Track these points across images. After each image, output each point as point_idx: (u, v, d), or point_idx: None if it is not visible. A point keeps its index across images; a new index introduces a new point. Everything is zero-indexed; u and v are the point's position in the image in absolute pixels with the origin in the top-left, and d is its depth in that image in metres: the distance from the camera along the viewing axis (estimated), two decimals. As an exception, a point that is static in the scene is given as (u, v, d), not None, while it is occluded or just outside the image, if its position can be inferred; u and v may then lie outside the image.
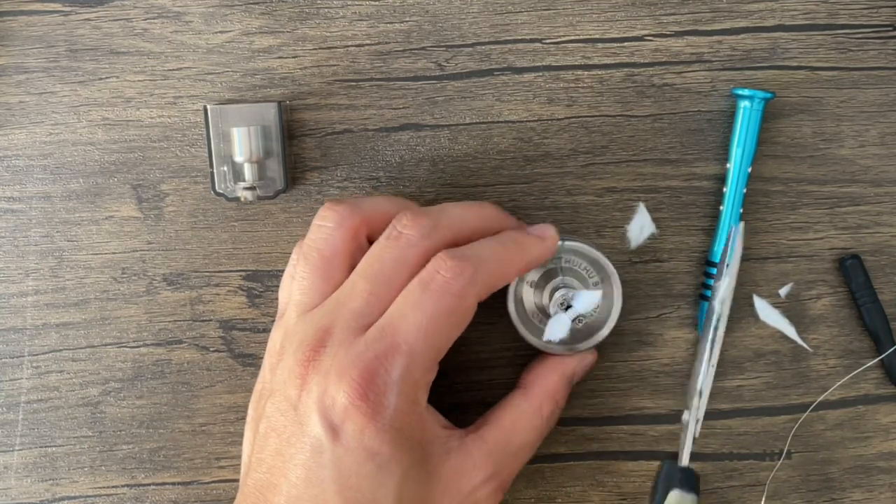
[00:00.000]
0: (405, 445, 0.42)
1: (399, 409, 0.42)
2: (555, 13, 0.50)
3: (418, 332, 0.42)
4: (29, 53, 0.50)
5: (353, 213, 0.45)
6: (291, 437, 0.42)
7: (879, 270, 0.51)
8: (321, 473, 0.42)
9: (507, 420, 0.46)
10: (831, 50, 0.50)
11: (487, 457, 0.45)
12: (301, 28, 0.50)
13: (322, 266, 0.45)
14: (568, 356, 0.48)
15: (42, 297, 0.51)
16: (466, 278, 0.43)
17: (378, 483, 0.42)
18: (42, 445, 0.52)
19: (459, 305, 0.43)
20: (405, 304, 0.43)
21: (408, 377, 0.42)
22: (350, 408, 0.41)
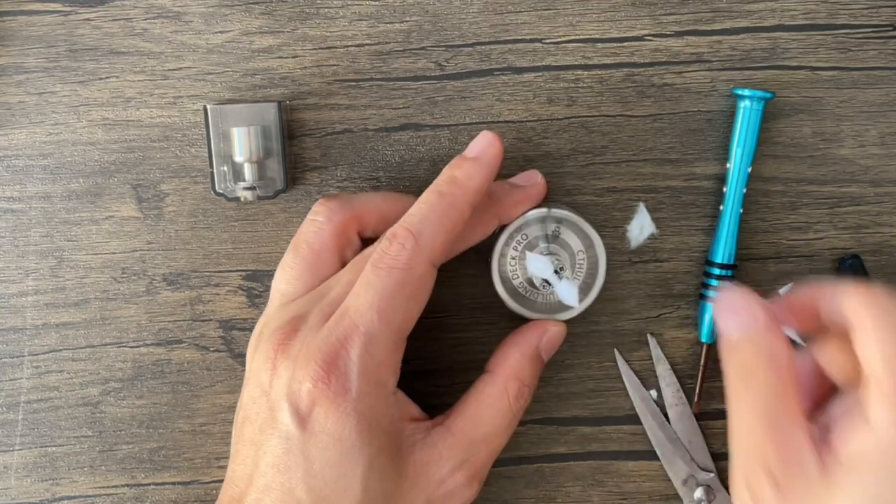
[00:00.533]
0: (370, 432, 0.42)
1: (362, 392, 0.42)
2: (555, 13, 0.50)
3: (371, 309, 0.42)
4: (29, 53, 0.50)
5: (343, 209, 0.46)
6: (263, 424, 0.43)
7: (879, 270, 0.51)
8: (289, 460, 0.42)
9: (472, 407, 0.46)
10: (831, 50, 0.50)
11: (453, 447, 0.44)
12: (301, 28, 0.50)
13: (309, 258, 0.46)
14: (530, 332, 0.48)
15: (42, 297, 0.51)
16: (409, 248, 0.43)
17: (342, 470, 0.41)
18: (42, 445, 0.52)
19: (410, 277, 0.43)
20: (358, 286, 0.43)
21: (368, 357, 0.42)
22: (314, 392, 0.41)
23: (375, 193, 0.49)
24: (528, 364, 0.47)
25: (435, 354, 0.52)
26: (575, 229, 0.48)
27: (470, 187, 0.44)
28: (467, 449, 0.45)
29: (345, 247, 0.46)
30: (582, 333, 0.51)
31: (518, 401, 0.46)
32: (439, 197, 0.44)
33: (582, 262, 0.48)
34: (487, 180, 0.45)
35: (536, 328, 0.48)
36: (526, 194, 0.48)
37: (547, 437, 0.52)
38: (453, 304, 0.51)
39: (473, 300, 0.51)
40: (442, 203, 0.44)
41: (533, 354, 0.47)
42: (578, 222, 0.48)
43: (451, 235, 0.44)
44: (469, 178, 0.45)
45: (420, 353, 0.51)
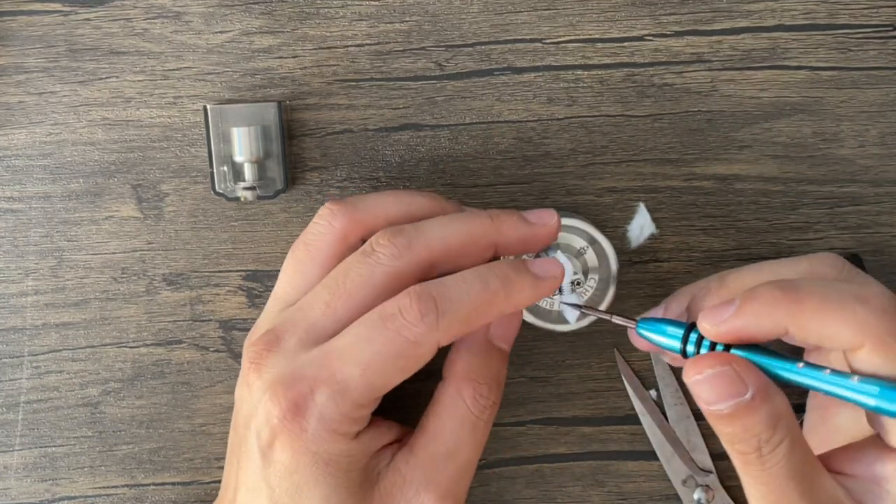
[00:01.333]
0: (326, 471, 0.41)
1: (318, 436, 0.40)
2: (555, 13, 0.50)
3: (357, 367, 0.40)
4: (29, 53, 0.50)
5: (345, 214, 0.44)
6: (241, 439, 0.43)
7: (879, 270, 0.51)
8: (257, 483, 0.42)
9: (431, 421, 0.43)
10: (831, 50, 0.50)
11: (415, 468, 0.42)
12: (301, 28, 0.50)
13: (306, 262, 0.44)
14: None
15: (42, 297, 0.51)
16: (427, 325, 0.40)
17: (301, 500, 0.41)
18: (42, 445, 0.52)
19: (413, 351, 0.40)
20: (357, 334, 0.40)
21: (333, 407, 0.40)
22: (276, 425, 0.40)
23: (384, 195, 0.46)
24: (479, 360, 0.44)
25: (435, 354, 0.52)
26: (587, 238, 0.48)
27: (515, 299, 0.42)
28: (430, 467, 0.42)
29: (345, 253, 0.44)
30: (582, 333, 0.51)
31: (477, 402, 0.43)
32: (484, 289, 0.41)
33: (594, 269, 0.48)
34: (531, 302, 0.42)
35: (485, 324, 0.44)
36: (533, 233, 0.44)
37: (547, 437, 0.52)
38: (453, 304, 0.51)
39: (473, 300, 0.51)
40: (482, 297, 0.41)
41: (482, 348, 0.44)
42: (590, 230, 0.47)
43: (473, 327, 0.41)
44: (521, 291, 0.42)
45: (420, 353, 0.51)
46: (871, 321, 0.37)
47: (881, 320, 0.37)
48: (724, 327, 0.39)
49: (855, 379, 0.37)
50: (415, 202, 0.45)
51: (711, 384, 0.38)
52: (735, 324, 0.39)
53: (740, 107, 0.50)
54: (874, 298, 0.38)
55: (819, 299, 0.38)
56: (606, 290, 0.48)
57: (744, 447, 0.38)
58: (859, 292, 0.38)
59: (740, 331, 0.39)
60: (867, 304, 0.37)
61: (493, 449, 0.52)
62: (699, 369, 0.38)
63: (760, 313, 0.38)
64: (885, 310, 0.37)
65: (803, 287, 0.38)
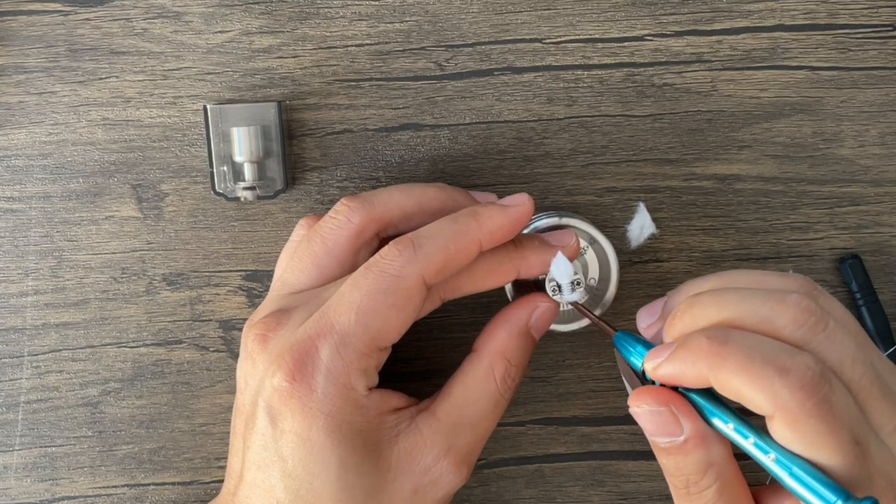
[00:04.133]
0: (339, 432, 0.41)
1: (328, 394, 0.41)
2: (555, 13, 0.50)
3: (350, 310, 0.41)
4: (29, 53, 0.50)
5: (363, 211, 0.45)
6: (247, 418, 0.43)
7: (879, 270, 0.51)
8: (267, 458, 0.42)
9: (457, 389, 0.44)
10: (831, 50, 0.50)
11: (438, 432, 0.43)
12: (301, 28, 0.50)
13: (321, 255, 0.45)
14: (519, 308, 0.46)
15: (42, 297, 0.51)
16: (406, 257, 0.42)
17: (314, 470, 0.41)
18: (42, 445, 0.52)
19: (398, 285, 0.41)
20: (345, 286, 0.42)
21: (337, 359, 0.41)
22: (284, 391, 0.41)
23: (397, 190, 0.47)
24: (516, 342, 0.45)
25: (435, 354, 0.52)
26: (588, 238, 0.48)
27: (486, 225, 0.43)
28: (452, 433, 0.43)
29: (360, 249, 0.45)
30: (582, 333, 0.51)
31: (505, 381, 0.45)
32: (452, 222, 0.43)
33: (595, 269, 0.48)
34: (506, 231, 0.44)
35: (526, 304, 0.46)
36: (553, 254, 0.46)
37: (547, 437, 0.52)
38: (453, 304, 0.51)
39: (473, 300, 0.51)
40: (453, 227, 0.43)
41: (521, 332, 0.45)
42: (592, 231, 0.47)
43: (452, 261, 0.43)
44: (489, 218, 0.43)
45: (420, 353, 0.51)
46: (785, 395, 0.36)
47: (795, 396, 0.36)
48: (659, 371, 0.39)
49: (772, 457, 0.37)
50: (426, 194, 0.46)
51: (649, 419, 0.39)
52: (667, 369, 0.39)
53: (740, 107, 0.50)
54: (796, 371, 0.36)
55: (741, 359, 0.37)
56: (606, 289, 0.48)
57: (675, 482, 0.40)
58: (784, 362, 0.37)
59: (672, 376, 0.39)
60: (786, 377, 0.36)
61: (493, 449, 0.52)
62: (640, 402, 0.39)
63: (686, 362, 0.38)
64: (802, 385, 0.36)
65: (731, 341, 0.37)
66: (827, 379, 0.37)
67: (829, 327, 0.38)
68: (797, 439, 0.37)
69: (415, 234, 0.43)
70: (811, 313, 0.38)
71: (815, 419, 0.36)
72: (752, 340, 0.37)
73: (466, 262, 0.43)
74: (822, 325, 0.38)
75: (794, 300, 0.39)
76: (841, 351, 0.38)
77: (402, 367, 0.51)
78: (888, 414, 0.38)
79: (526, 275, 0.45)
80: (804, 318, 0.38)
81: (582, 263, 0.48)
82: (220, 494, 0.46)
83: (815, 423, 0.36)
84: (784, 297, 0.39)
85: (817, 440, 0.36)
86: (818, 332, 0.38)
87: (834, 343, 0.38)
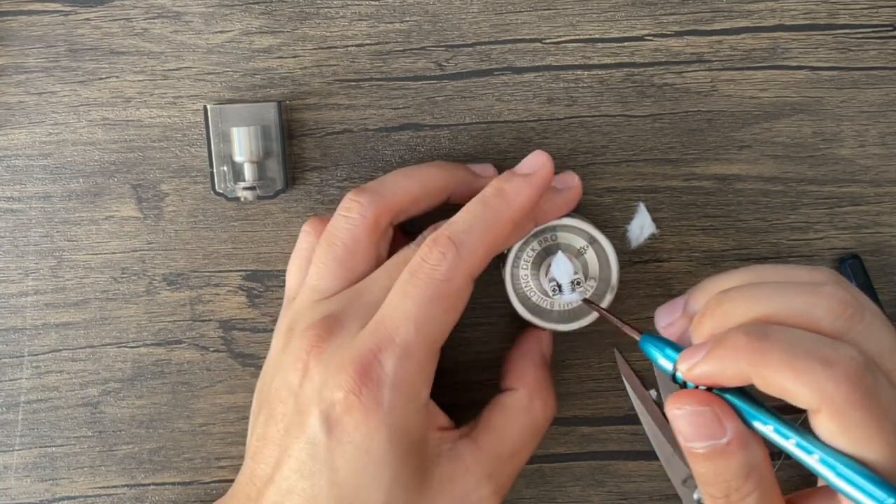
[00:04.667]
0: (399, 445, 0.42)
1: (395, 406, 0.41)
2: (555, 13, 0.50)
3: (408, 322, 0.42)
4: (29, 53, 0.50)
5: (375, 203, 0.45)
6: (290, 426, 0.42)
7: (879, 270, 0.51)
8: (314, 467, 0.42)
9: (500, 422, 0.46)
10: (831, 50, 0.50)
11: (480, 461, 0.44)
12: (301, 28, 0.50)
13: (343, 255, 0.45)
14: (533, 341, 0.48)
15: (42, 297, 0.51)
16: (450, 260, 0.42)
17: (366, 481, 0.41)
18: (42, 445, 0.52)
19: (448, 289, 0.42)
20: (395, 295, 0.42)
21: (402, 371, 0.41)
22: (346, 402, 0.41)
23: (400, 175, 0.47)
24: (544, 373, 0.47)
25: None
26: (588, 238, 0.48)
27: (516, 203, 0.44)
28: (494, 464, 0.44)
29: (379, 240, 0.46)
30: (582, 333, 0.51)
31: (545, 414, 0.46)
32: (485, 208, 0.43)
33: (595, 270, 0.48)
34: (535, 200, 0.44)
35: (536, 337, 0.48)
36: (564, 199, 0.47)
37: (547, 437, 0.52)
38: (453, 304, 0.51)
39: (474, 300, 0.51)
40: (487, 215, 0.43)
41: (545, 362, 0.48)
42: (592, 231, 0.47)
43: (493, 249, 0.44)
44: (517, 193, 0.44)
45: (420, 353, 0.51)
46: (830, 388, 0.35)
47: (841, 388, 0.35)
48: (695, 371, 0.38)
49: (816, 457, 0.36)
50: (429, 175, 0.47)
51: (690, 421, 0.38)
52: (703, 369, 0.38)
53: (740, 107, 0.50)
54: (840, 363, 0.36)
55: (783, 354, 0.36)
56: (606, 289, 0.48)
57: (714, 491, 0.38)
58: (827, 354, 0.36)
59: (709, 376, 0.38)
60: (831, 369, 0.35)
61: (493, 449, 0.52)
62: (680, 404, 0.38)
63: (725, 360, 0.37)
64: (848, 377, 0.35)
65: (771, 336, 0.37)
66: (871, 370, 0.36)
67: (866, 318, 0.38)
68: (843, 432, 0.36)
69: (451, 229, 0.43)
70: (848, 304, 0.38)
71: (861, 411, 0.35)
72: (792, 335, 0.37)
73: (504, 243, 0.44)
74: (860, 315, 0.38)
75: (830, 291, 0.38)
76: (880, 341, 0.37)
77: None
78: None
79: (542, 221, 0.46)
80: (842, 309, 0.37)
81: (582, 263, 0.48)
82: (234, 497, 0.45)
83: (861, 415, 0.35)
84: (818, 289, 0.38)
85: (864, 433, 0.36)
86: (856, 322, 0.37)
87: (873, 333, 0.37)
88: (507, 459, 0.45)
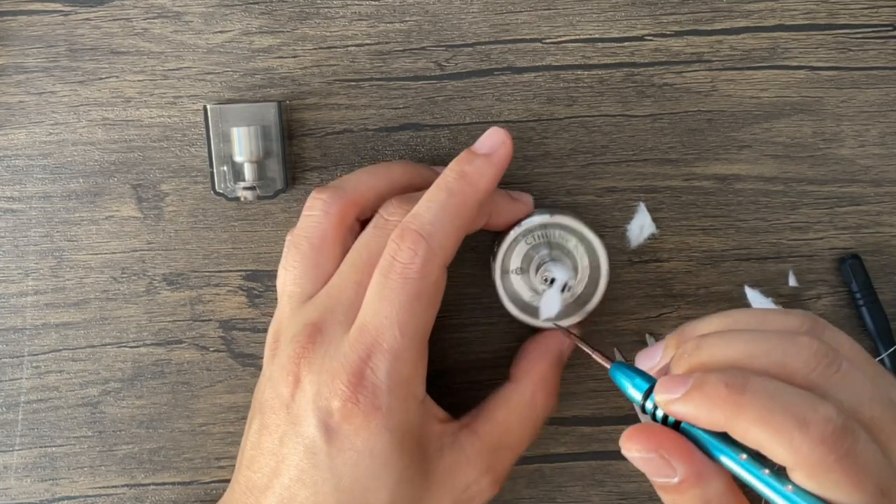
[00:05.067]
0: (401, 446, 0.42)
1: (392, 408, 0.41)
2: (555, 13, 0.50)
3: (392, 326, 0.41)
4: (29, 53, 0.50)
5: (337, 199, 0.45)
6: (284, 436, 0.42)
7: (879, 270, 0.51)
8: (315, 475, 0.42)
9: (500, 413, 0.46)
10: (831, 50, 0.50)
11: (481, 453, 0.44)
12: (301, 28, 0.50)
13: (311, 255, 0.45)
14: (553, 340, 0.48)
15: (42, 297, 0.51)
16: (422, 256, 0.41)
17: (372, 484, 0.41)
18: (42, 445, 0.52)
19: (425, 286, 0.42)
20: (373, 298, 0.42)
21: (395, 374, 0.41)
22: (345, 410, 0.41)
23: (365, 172, 0.47)
24: (555, 372, 0.47)
25: (435, 354, 0.51)
26: (579, 237, 0.48)
27: (480, 185, 0.43)
28: (493, 454, 0.45)
29: (346, 236, 0.45)
30: (582, 334, 0.51)
31: (544, 411, 0.47)
32: (449, 195, 0.43)
33: (585, 271, 0.48)
34: (497, 180, 0.44)
35: (557, 338, 0.48)
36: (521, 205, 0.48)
37: (547, 437, 0.52)
38: (453, 304, 0.51)
39: (473, 300, 0.51)
40: (452, 202, 0.43)
41: (560, 363, 0.48)
42: (584, 231, 0.47)
43: (461, 235, 0.43)
44: (480, 175, 0.43)
45: (420, 353, 0.51)
46: (805, 449, 0.35)
47: (816, 450, 0.35)
48: (671, 408, 0.38)
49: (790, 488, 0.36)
50: (393, 171, 0.47)
51: (641, 463, 0.39)
52: (680, 409, 0.37)
53: (740, 107, 0.50)
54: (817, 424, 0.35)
55: (761, 410, 0.35)
56: (596, 286, 0.48)
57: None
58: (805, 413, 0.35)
59: (685, 417, 0.38)
60: (807, 430, 0.35)
61: (493, 449, 0.52)
62: (630, 447, 0.39)
63: (702, 406, 0.37)
64: (824, 439, 0.35)
65: (750, 387, 0.36)
66: (849, 430, 0.35)
67: (842, 368, 0.37)
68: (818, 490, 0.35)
69: (417, 221, 0.42)
70: (823, 356, 0.37)
71: (836, 473, 0.35)
72: (771, 389, 0.36)
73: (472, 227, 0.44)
74: (836, 366, 0.37)
75: (805, 343, 0.37)
76: (856, 391, 0.37)
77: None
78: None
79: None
80: (817, 361, 0.37)
81: (572, 262, 0.48)
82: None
83: (837, 476, 0.35)
84: (794, 340, 0.38)
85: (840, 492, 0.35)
86: (832, 373, 0.37)
87: (848, 384, 0.37)
88: (507, 451, 0.45)
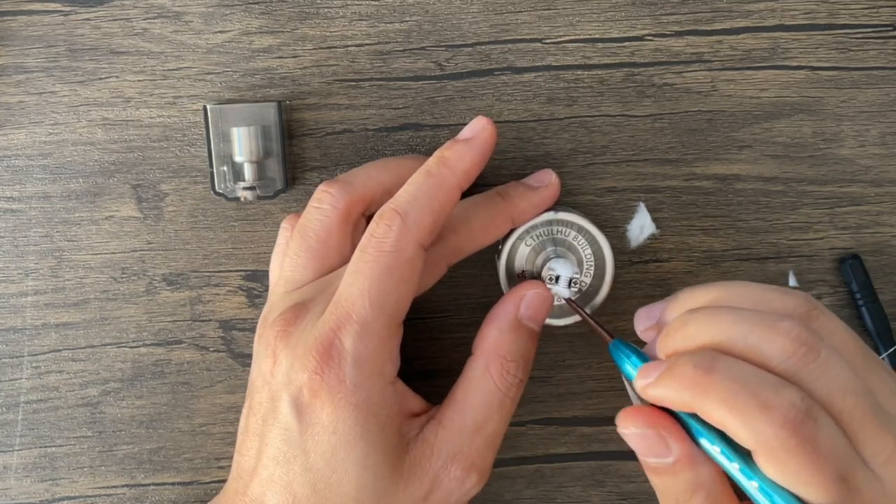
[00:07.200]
0: (365, 425, 0.41)
1: (357, 383, 0.41)
2: (555, 13, 0.50)
3: (363, 297, 0.41)
4: (29, 53, 0.50)
5: (346, 193, 0.46)
6: (266, 414, 0.43)
7: (879, 270, 0.51)
8: (289, 452, 0.42)
9: (459, 394, 0.44)
10: (831, 50, 0.50)
11: (444, 440, 0.43)
12: (301, 28, 0.50)
13: (316, 247, 0.45)
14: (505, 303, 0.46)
15: (42, 297, 0.51)
16: (396, 230, 0.42)
17: (336, 464, 0.41)
18: (42, 445, 0.52)
19: (398, 260, 0.42)
20: (349, 274, 0.42)
21: (362, 346, 0.41)
22: (311, 383, 0.41)
23: (373, 167, 0.47)
24: (508, 337, 0.45)
25: (435, 354, 0.52)
26: (584, 233, 0.48)
27: (459, 168, 0.44)
28: (458, 439, 0.43)
29: (353, 230, 0.46)
30: (582, 334, 0.51)
31: (504, 379, 0.44)
32: (427, 177, 0.43)
33: (590, 266, 0.48)
34: (478, 163, 0.44)
35: (513, 296, 0.46)
36: (540, 197, 0.48)
37: (547, 437, 0.52)
38: (453, 304, 0.51)
39: (473, 300, 0.51)
40: (430, 183, 0.43)
41: (512, 326, 0.45)
42: (588, 226, 0.47)
43: (440, 216, 0.43)
44: (459, 158, 0.44)
45: (420, 353, 0.51)
46: (766, 432, 0.35)
47: (777, 434, 0.35)
48: (647, 392, 0.38)
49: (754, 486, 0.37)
50: (401, 167, 0.47)
51: (636, 440, 0.39)
52: (654, 392, 0.38)
53: (740, 107, 0.50)
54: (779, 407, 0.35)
55: (724, 392, 0.36)
56: (602, 282, 0.48)
57: (664, 500, 0.39)
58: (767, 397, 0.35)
59: (659, 400, 0.38)
60: (768, 413, 0.35)
61: (493, 449, 0.52)
62: (627, 424, 0.39)
63: (671, 389, 0.37)
64: (785, 423, 0.35)
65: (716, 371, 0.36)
66: (812, 416, 0.36)
67: (820, 357, 0.37)
68: (780, 475, 0.36)
69: (395, 201, 0.43)
70: (801, 343, 0.37)
71: (797, 457, 0.35)
72: (737, 371, 0.36)
73: (452, 209, 0.44)
74: (814, 355, 0.37)
75: (786, 328, 0.37)
76: (832, 381, 0.37)
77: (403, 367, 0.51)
78: (882, 443, 0.37)
79: (520, 221, 0.47)
80: (793, 349, 0.37)
81: (577, 257, 0.48)
82: (224, 493, 0.45)
83: (798, 461, 0.35)
84: (775, 324, 0.37)
85: (800, 477, 0.35)
86: (808, 362, 0.37)
87: (825, 373, 0.37)
88: (473, 433, 0.43)
